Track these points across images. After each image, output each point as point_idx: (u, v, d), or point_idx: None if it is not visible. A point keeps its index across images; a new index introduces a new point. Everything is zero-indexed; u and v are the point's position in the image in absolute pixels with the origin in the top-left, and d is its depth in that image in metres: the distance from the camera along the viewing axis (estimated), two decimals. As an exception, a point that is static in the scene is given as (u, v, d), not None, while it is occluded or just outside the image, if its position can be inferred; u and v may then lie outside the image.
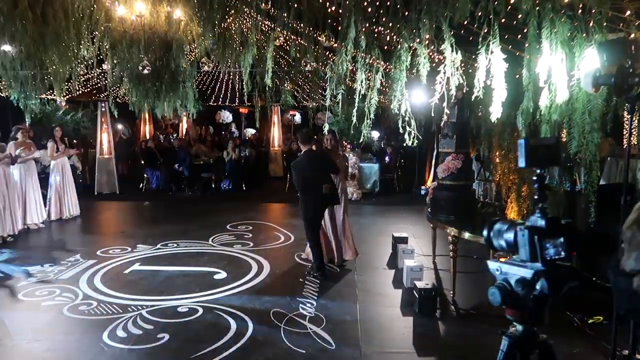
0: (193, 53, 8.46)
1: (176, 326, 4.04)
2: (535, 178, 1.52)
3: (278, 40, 6.81)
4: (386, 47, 4.73)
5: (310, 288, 4.96)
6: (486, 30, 3.41)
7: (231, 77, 11.65)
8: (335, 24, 4.51)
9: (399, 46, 3.85)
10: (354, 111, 4.26)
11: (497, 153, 5.20)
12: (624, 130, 3.83)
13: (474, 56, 3.66)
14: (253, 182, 12.01)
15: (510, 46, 3.95)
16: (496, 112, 3.47)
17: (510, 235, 1.49)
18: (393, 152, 12.26)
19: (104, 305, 4.47)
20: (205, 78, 12.99)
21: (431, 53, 4.04)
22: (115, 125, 12.87)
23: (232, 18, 5.82)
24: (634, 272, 1.56)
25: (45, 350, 3.65)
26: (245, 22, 5.71)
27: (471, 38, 3.98)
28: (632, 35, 3.56)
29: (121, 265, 5.71)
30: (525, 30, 3.36)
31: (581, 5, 3.20)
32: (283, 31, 5.50)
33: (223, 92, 14.00)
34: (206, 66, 9.14)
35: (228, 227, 7.59)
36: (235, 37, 5.98)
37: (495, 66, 3.40)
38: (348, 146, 11.35)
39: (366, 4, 4.03)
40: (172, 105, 8.57)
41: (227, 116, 17.11)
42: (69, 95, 10.00)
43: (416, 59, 3.80)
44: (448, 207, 5.11)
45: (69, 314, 4.29)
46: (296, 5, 4.39)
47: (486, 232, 1.59)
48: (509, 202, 4.92)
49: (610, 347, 3.09)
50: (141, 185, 11.69)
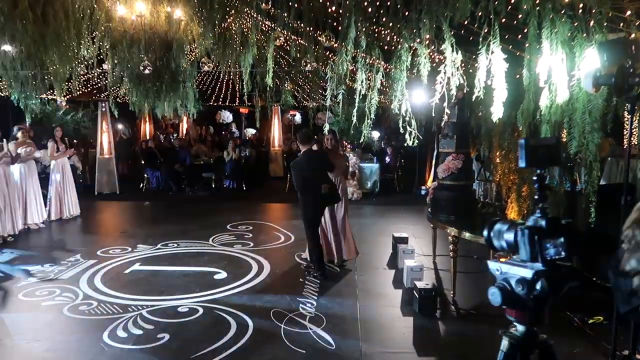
0: (193, 53, 8.47)
1: (176, 326, 4.04)
2: (535, 178, 1.51)
3: (278, 40, 6.82)
4: (386, 47, 4.74)
5: (310, 288, 4.96)
6: (486, 30, 3.42)
7: (231, 77, 11.63)
8: (335, 24, 4.51)
9: (400, 46, 3.85)
10: (354, 111, 4.26)
11: (498, 153, 5.20)
12: (624, 130, 3.83)
13: (475, 56, 3.66)
14: (253, 182, 12.01)
15: (510, 46, 3.95)
16: (497, 112, 3.47)
17: (510, 235, 1.49)
18: (393, 152, 12.25)
19: (104, 305, 4.47)
20: (205, 78, 12.99)
21: (431, 53, 4.05)
22: (115, 125, 12.87)
23: (233, 18, 5.82)
24: (634, 272, 1.55)
25: (45, 350, 3.65)
26: (245, 22, 5.72)
27: (471, 38, 3.98)
28: (633, 35, 3.56)
29: (121, 265, 5.70)
30: (525, 30, 3.36)
31: (581, 5, 3.20)
32: (283, 31, 5.51)
33: (223, 92, 14.00)
34: (206, 66, 9.14)
35: (228, 227, 7.59)
36: (235, 37, 5.99)
37: (495, 66, 3.41)
38: (348, 146, 11.36)
39: (366, 4, 4.04)
40: (173, 105, 8.58)
41: (228, 116, 17.13)
42: (70, 95, 10.00)
43: (416, 59, 3.81)
44: (448, 207, 5.11)
45: (69, 314, 4.29)
46: (296, 5, 4.39)
47: (486, 232, 1.58)
48: (509, 202, 4.91)
49: (610, 347, 3.10)
50: (141, 185, 11.69)
